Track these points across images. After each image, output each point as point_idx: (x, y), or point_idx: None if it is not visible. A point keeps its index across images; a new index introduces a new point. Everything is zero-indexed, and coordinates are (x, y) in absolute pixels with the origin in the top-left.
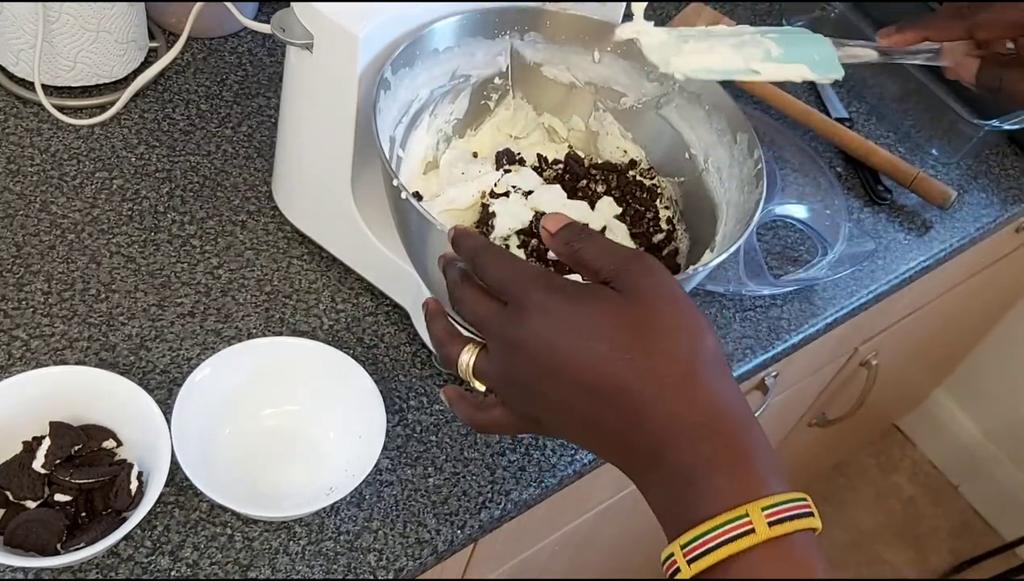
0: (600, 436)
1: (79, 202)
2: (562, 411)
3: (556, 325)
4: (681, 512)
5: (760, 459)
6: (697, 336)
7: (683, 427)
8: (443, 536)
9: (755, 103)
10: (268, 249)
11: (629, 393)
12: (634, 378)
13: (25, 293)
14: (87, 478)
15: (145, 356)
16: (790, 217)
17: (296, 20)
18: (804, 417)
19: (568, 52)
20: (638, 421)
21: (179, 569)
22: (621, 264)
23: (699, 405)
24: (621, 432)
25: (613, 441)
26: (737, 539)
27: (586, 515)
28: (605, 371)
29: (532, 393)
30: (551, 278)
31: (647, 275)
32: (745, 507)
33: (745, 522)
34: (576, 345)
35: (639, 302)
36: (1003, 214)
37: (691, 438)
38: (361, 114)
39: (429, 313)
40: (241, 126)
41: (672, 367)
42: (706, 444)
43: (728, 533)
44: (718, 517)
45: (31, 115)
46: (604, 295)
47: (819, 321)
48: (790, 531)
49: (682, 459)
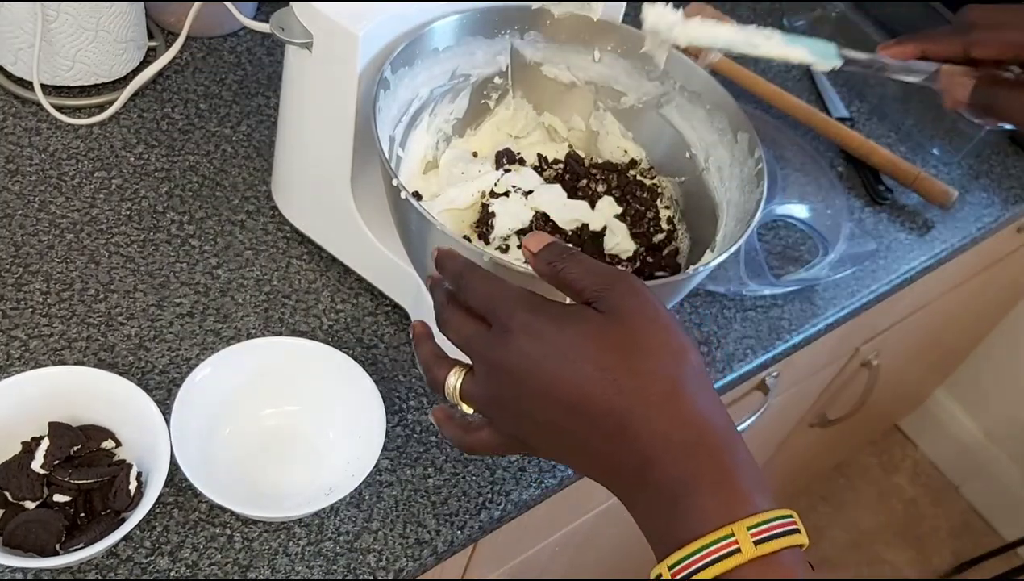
0: (587, 456)
1: (78, 202)
2: (549, 432)
3: (541, 346)
4: (667, 531)
5: (745, 476)
6: (680, 355)
7: (668, 445)
8: (443, 537)
9: (756, 103)
10: (267, 249)
11: (615, 413)
12: (620, 398)
13: (24, 293)
14: (86, 478)
15: (144, 356)
16: (791, 217)
17: (295, 19)
18: (805, 417)
19: (568, 51)
20: (624, 440)
21: (178, 570)
22: (604, 284)
23: (683, 423)
24: (608, 452)
25: (600, 461)
26: (723, 559)
27: (586, 516)
28: (591, 392)
29: (519, 414)
30: (536, 299)
31: (631, 295)
32: (731, 527)
33: (731, 542)
34: (562, 366)
35: (623, 322)
36: (1004, 214)
37: (676, 456)
38: (361, 114)
39: (416, 336)
40: (240, 125)
41: (657, 386)
42: (691, 461)
43: (714, 554)
44: (704, 537)
45: (30, 115)
46: (588, 316)
47: (820, 321)
48: (776, 549)
49: (668, 477)
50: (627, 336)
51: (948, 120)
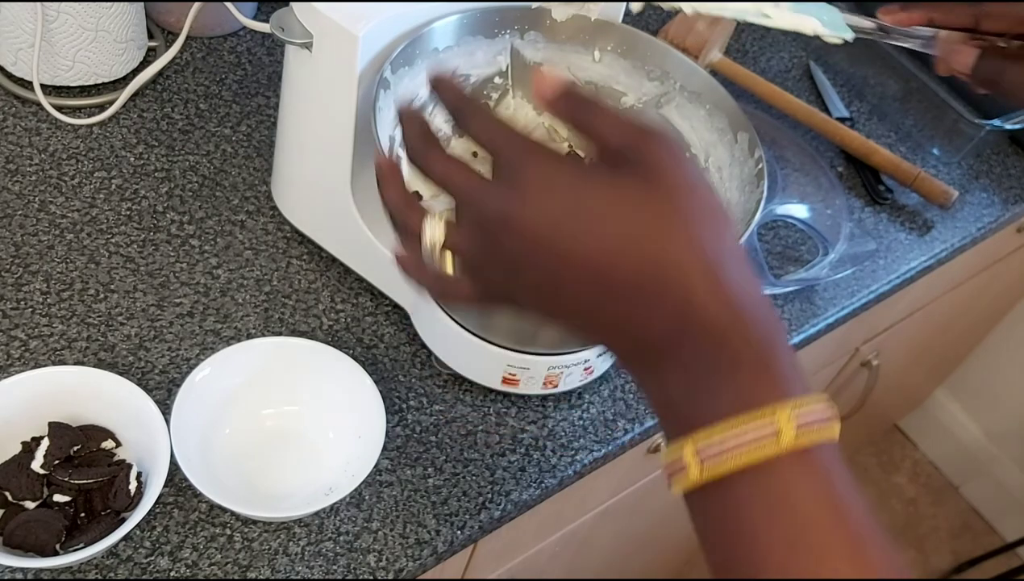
0: (599, 322)
1: (78, 202)
2: (553, 294)
3: (562, 203)
4: (694, 408)
5: (785, 358)
6: (722, 227)
7: (706, 319)
8: (443, 537)
9: (756, 103)
10: (267, 249)
11: (645, 283)
12: (653, 267)
13: (24, 293)
14: (86, 478)
15: (144, 356)
16: (791, 217)
17: (295, 19)
18: None
19: (568, 51)
20: (652, 312)
21: (178, 570)
22: (638, 138)
23: (724, 298)
24: (628, 323)
25: (618, 328)
26: (760, 442)
27: (586, 516)
28: (620, 258)
29: (518, 273)
30: (555, 153)
31: (667, 154)
32: (772, 406)
33: (769, 424)
34: (588, 229)
35: (659, 183)
36: (1004, 214)
37: (714, 331)
38: (360, 114)
39: (383, 175)
40: (240, 125)
41: (696, 256)
42: (731, 338)
43: (750, 435)
44: (740, 416)
45: (30, 115)
46: (619, 174)
47: (820, 321)
48: (816, 440)
49: (700, 351)
50: (664, 198)
51: (948, 120)
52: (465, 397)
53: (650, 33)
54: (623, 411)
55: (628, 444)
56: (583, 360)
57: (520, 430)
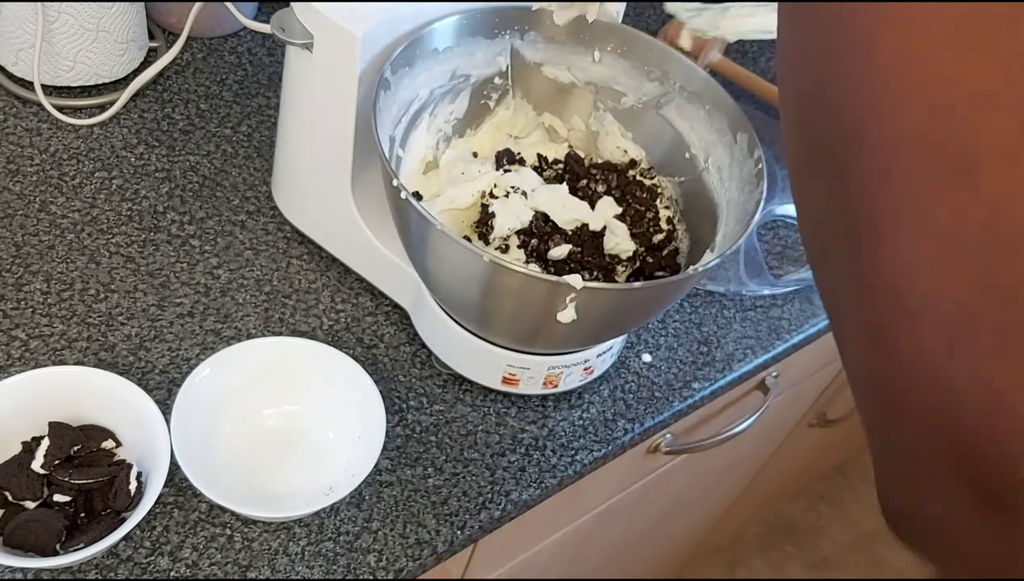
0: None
1: (78, 202)
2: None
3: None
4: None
5: None
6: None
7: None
8: (443, 537)
9: (756, 103)
10: (267, 249)
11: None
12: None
13: (24, 293)
14: (86, 478)
15: (144, 356)
16: (791, 217)
17: (296, 20)
18: (805, 417)
19: (568, 52)
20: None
21: (178, 570)
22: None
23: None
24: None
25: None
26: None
27: (586, 515)
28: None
29: None
30: None
31: None
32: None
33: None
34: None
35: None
36: None
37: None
38: (361, 114)
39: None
40: (241, 126)
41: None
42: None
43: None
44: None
45: (31, 115)
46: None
47: (820, 321)
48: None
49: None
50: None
51: None
52: (465, 397)
53: (650, 33)
54: (623, 411)
55: (628, 444)
56: (583, 360)
57: (520, 430)
